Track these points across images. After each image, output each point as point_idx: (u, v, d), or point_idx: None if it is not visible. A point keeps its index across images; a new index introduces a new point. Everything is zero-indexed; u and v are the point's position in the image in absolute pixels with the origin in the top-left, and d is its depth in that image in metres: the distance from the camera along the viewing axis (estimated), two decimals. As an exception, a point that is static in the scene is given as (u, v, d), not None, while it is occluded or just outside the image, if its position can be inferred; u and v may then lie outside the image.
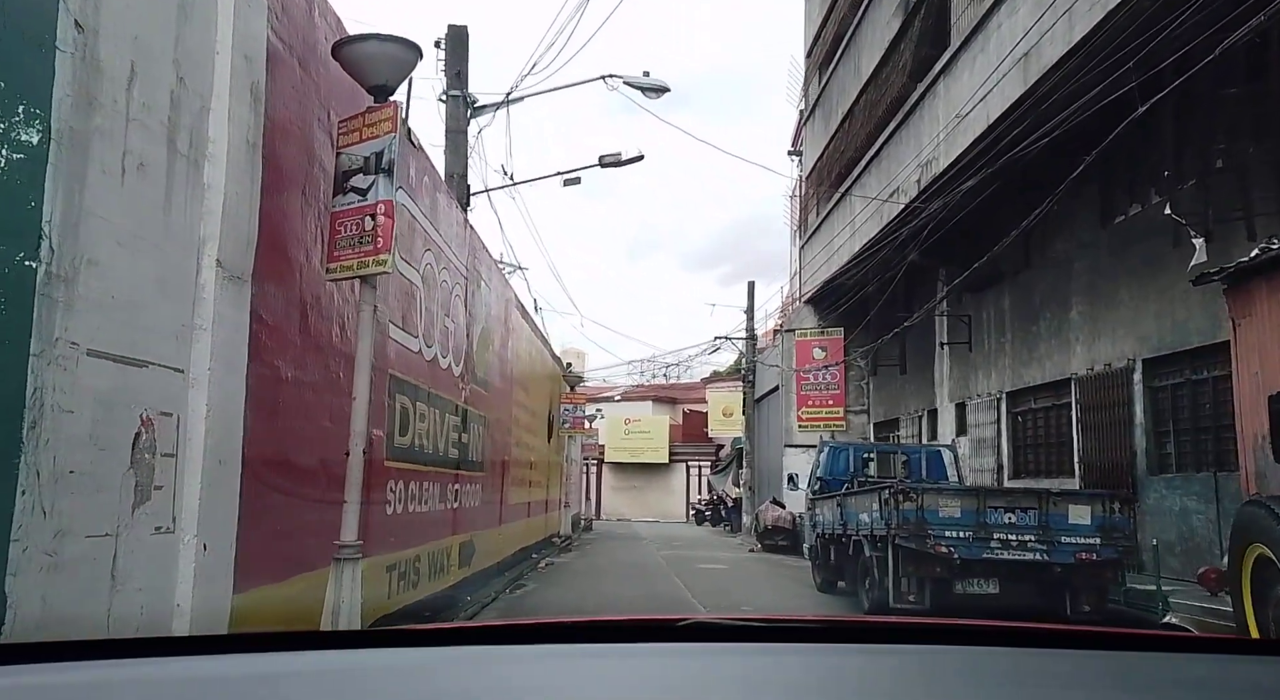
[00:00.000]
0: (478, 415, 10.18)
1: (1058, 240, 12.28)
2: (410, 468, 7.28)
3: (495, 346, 11.47)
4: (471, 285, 9.76)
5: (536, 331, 16.18)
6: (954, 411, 15.77)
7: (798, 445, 21.63)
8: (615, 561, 16.95)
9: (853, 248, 17.00)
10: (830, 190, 19.55)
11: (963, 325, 15.29)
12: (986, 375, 14.41)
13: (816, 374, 21.48)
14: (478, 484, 10.27)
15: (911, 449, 12.33)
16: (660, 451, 40.45)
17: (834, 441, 12.60)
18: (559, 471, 20.11)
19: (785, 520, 19.98)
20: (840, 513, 9.85)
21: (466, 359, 9.52)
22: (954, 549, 7.71)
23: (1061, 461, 12.17)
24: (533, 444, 15.57)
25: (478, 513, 10.35)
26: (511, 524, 13.23)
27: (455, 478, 9.07)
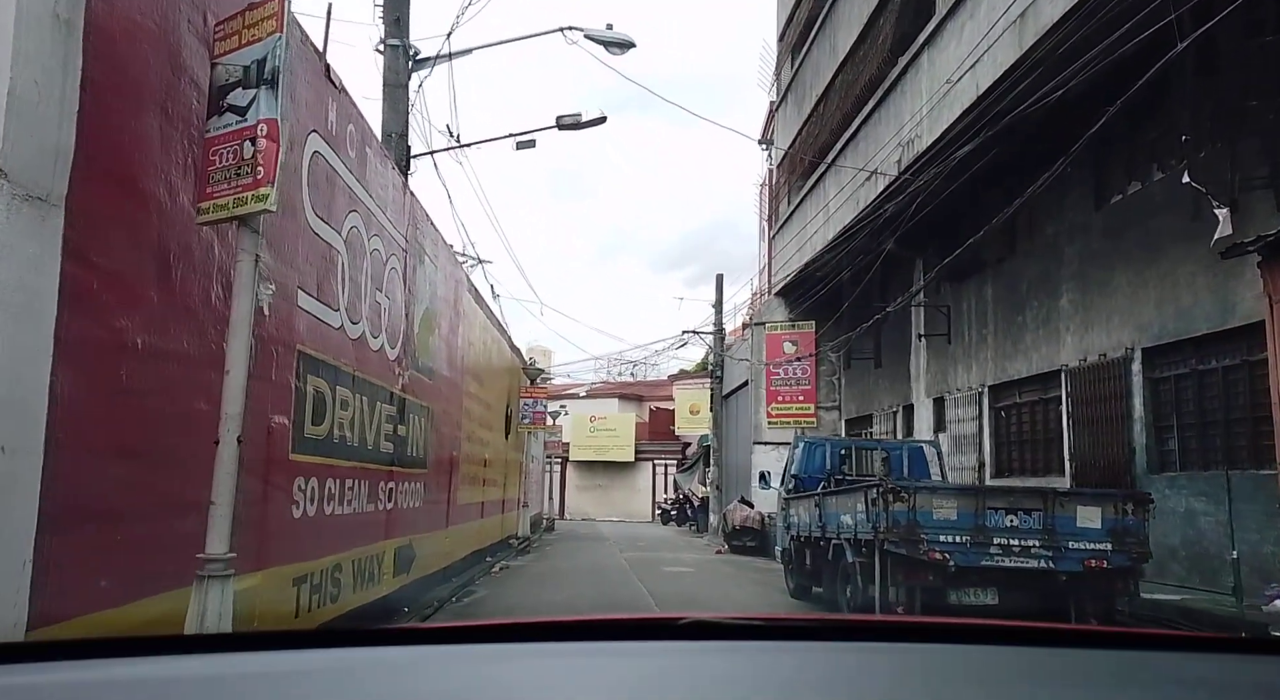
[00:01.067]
0: (419, 405, 9.16)
1: (1046, 224, 11.55)
2: (327, 463, 6.26)
3: (442, 331, 10.45)
4: (412, 259, 8.74)
5: (492, 319, 15.15)
6: (931, 407, 15.03)
7: (767, 442, 20.82)
8: (575, 564, 15.98)
9: (827, 235, 16.20)
10: (803, 178, 18.75)
11: (941, 316, 14.55)
12: (967, 369, 13.67)
13: (787, 368, 20.69)
14: (419, 482, 9.26)
15: (892, 445, 11.52)
16: (626, 450, 39.53)
17: (810, 437, 11.73)
18: (518, 470, 19.08)
19: (754, 520, 19.15)
20: (818, 513, 8.99)
21: (405, 342, 8.50)
22: (949, 555, 6.87)
23: (1050, 459, 11.43)
24: (487, 440, 14.54)
25: (419, 514, 9.33)
26: (462, 526, 12.21)
27: (390, 475, 8.05)
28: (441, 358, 10.40)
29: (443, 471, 10.71)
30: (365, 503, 7.26)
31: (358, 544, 7.11)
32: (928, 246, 14.99)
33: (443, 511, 10.88)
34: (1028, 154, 10.80)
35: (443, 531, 10.86)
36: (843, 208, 15.33)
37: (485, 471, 14.30)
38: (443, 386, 10.50)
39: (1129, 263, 9.74)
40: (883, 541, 7.04)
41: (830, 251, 16.27)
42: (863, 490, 7.54)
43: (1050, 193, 9.94)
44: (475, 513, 13.51)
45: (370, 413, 7.32)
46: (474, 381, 13.04)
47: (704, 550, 20.44)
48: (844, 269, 16.06)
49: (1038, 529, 6.90)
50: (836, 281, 16.89)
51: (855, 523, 7.74)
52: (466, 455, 12.40)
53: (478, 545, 13.86)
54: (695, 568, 15.83)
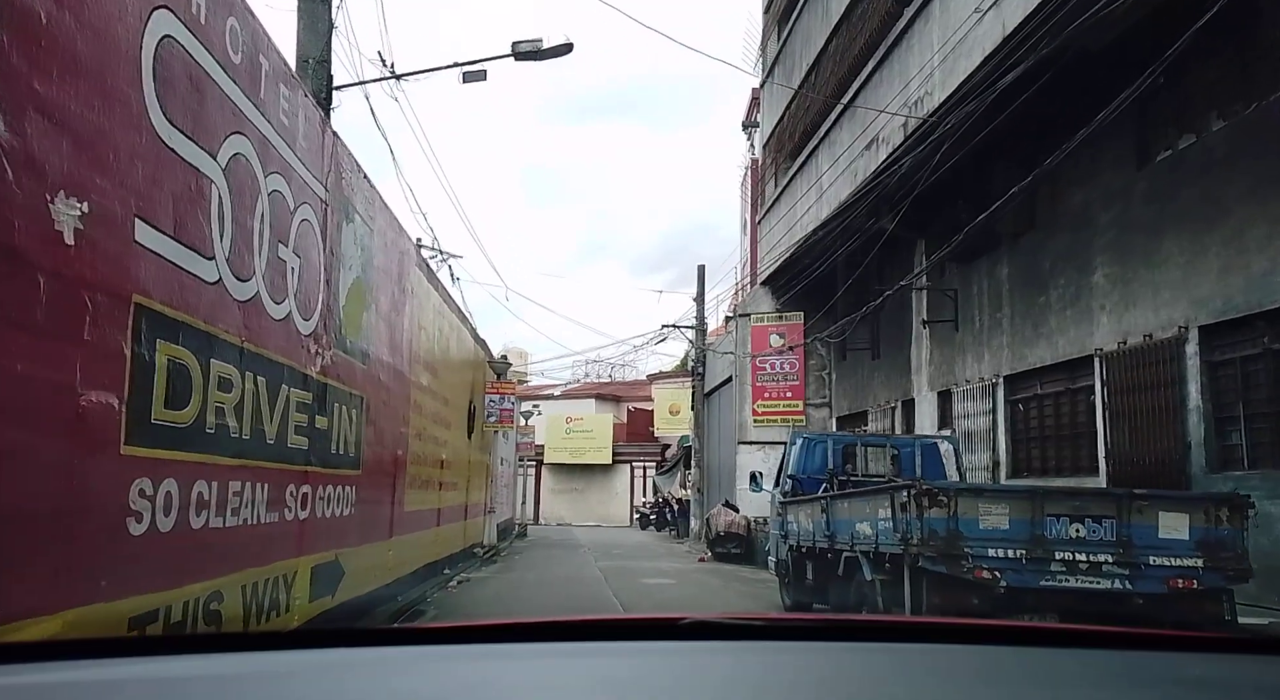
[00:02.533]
0: (347, 394, 7.63)
1: (1074, 192, 10.21)
2: (196, 460, 4.74)
3: (381, 308, 8.91)
4: (336, 214, 7.21)
5: (451, 303, 13.59)
6: (935, 401, 13.67)
7: (753, 442, 19.42)
8: (544, 576, 14.47)
9: (820, 213, 14.83)
10: (791, 157, 17.38)
11: (947, 301, 13.20)
12: (978, 358, 12.32)
13: (773, 362, 19.30)
14: (348, 486, 7.72)
15: (902, 441, 10.12)
16: (603, 452, 38.02)
17: (809, 432, 10.30)
18: (483, 472, 17.52)
19: (739, 526, 17.73)
20: (825, 520, 7.55)
21: (325, 314, 6.97)
22: (999, 573, 5.46)
23: (1078, 456, 10.09)
24: (445, 439, 12.99)
25: (350, 524, 7.79)
26: (411, 535, 10.66)
27: (304, 477, 6.52)
28: (380, 340, 8.86)
29: (384, 473, 9.16)
30: (264, 512, 5.72)
31: (251, 564, 5.58)
32: (930, 226, 13.67)
33: (385, 519, 9.33)
34: (1051, 114, 9.49)
35: (384, 543, 9.31)
36: (838, 182, 13.96)
37: (442, 474, 12.75)
38: (383, 374, 8.97)
39: (1182, 228, 8.40)
40: (915, 556, 5.61)
41: (823, 231, 14.89)
42: (888, 493, 6.11)
43: (1080, 155, 8.63)
44: (429, 520, 11.96)
45: (271, 398, 5.79)
46: (426, 372, 11.49)
47: (685, 558, 19.00)
48: (838, 250, 14.69)
49: (1110, 541, 5.51)
50: (829, 264, 15.52)
51: (876, 532, 6.31)
52: (417, 455, 10.86)
53: (433, 556, 12.31)
54: (677, 579, 14.38)
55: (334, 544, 7.37)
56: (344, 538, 7.65)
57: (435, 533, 12.46)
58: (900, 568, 5.89)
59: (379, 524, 9.10)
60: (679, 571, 15.65)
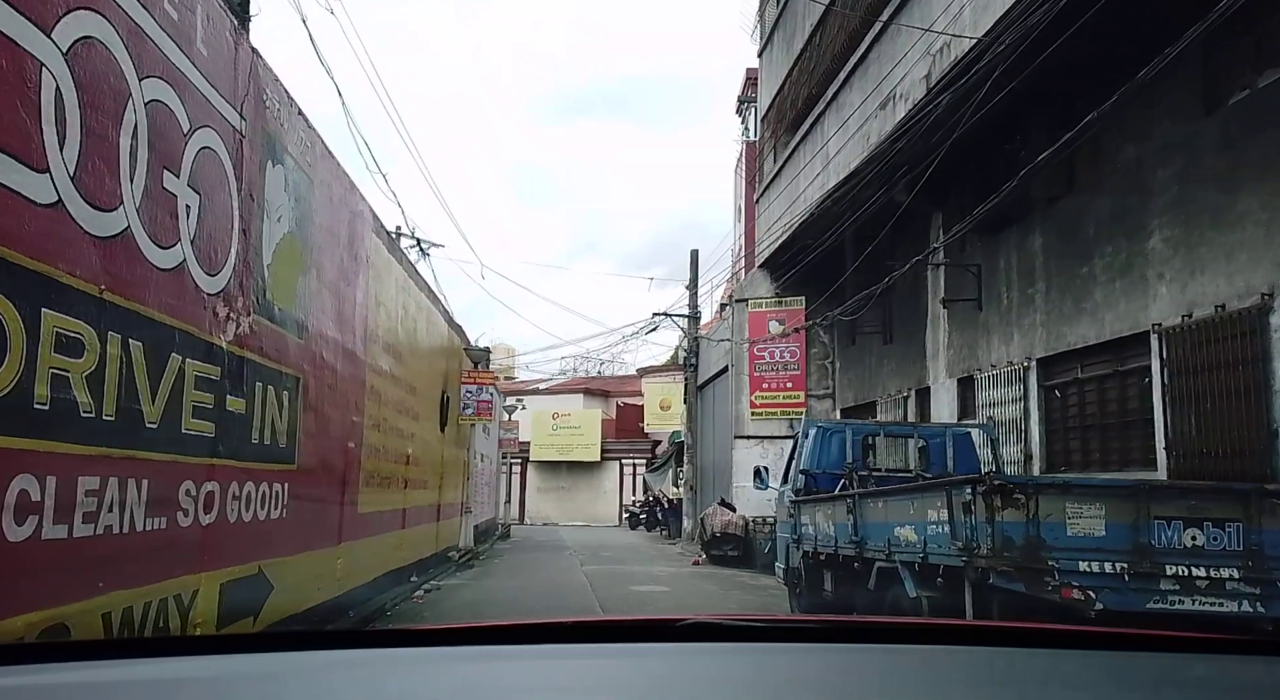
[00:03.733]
0: (276, 372, 6.32)
1: (1124, 145, 8.97)
2: (13, 446, 3.44)
3: (326, 275, 7.61)
4: (258, 152, 5.90)
5: (419, 281, 12.27)
6: (954, 389, 12.44)
7: (750, 436, 18.17)
8: (523, 583, 13.18)
9: (825, 184, 13.57)
10: (793, 127, 16.11)
11: (969, 277, 11.96)
12: (1005, 339, 11.09)
13: (773, 351, 18.05)
14: (278, 483, 6.42)
15: (931, 431, 8.85)
16: (591, 448, 36.69)
17: (824, 422, 9.00)
18: (459, 470, 16.21)
19: (737, 526, 16.48)
20: (852, 523, 6.28)
21: (242, 270, 5.67)
22: (1093, 593, 4.21)
23: (1128, 448, 8.87)
24: (412, 432, 11.69)
25: (280, 529, 6.50)
26: (368, 540, 9.36)
27: (208, 472, 5.22)
28: (324, 312, 7.55)
29: (330, 469, 7.86)
30: (143, 516, 4.42)
31: (122, 584, 4.27)
32: (948, 197, 12.44)
33: (331, 522, 8.03)
34: (1097, 58, 8.27)
35: (331, 550, 8.02)
36: (847, 148, 12.70)
37: (408, 471, 11.44)
38: (327, 352, 7.66)
39: (1262, 179, 7.18)
40: (982, 571, 4.35)
41: (828, 204, 13.63)
42: (942, 490, 4.84)
43: (1132, 104, 7.41)
44: (392, 522, 10.65)
45: (153, 370, 4.48)
46: (387, 355, 10.18)
47: (678, 561, 17.73)
48: (844, 225, 13.44)
49: (1235, 551, 4.28)
50: (835, 240, 14.26)
51: (924, 539, 5.05)
52: (375, 449, 9.55)
53: (397, 563, 11.01)
54: (670, 585, 13.11)
55: (257, 553, 6.06)
56: (272, 545, 6.35)
57: (400, 536, 11.15)
58: (958, 584, 4.64)
59: (324, 528, 7.80)
60: (672, 577, 14.39)
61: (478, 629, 1.46)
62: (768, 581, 13.94)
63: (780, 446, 17.71)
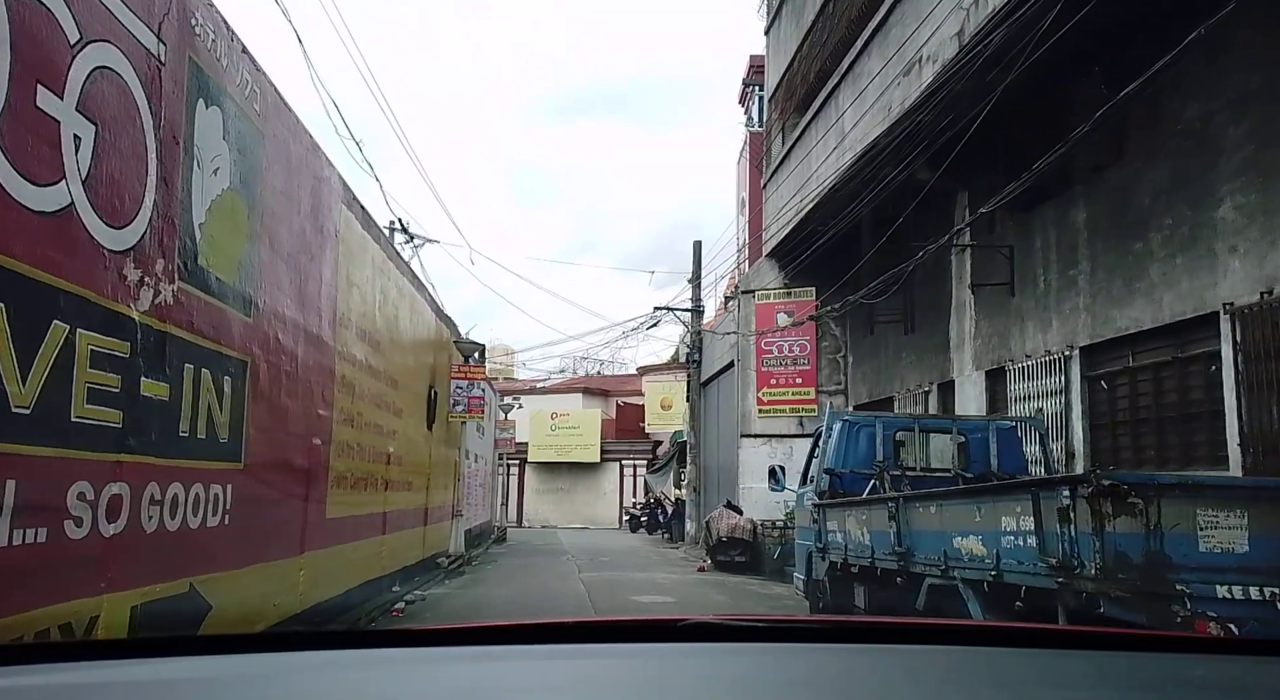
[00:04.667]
0: (214, 353, 5.35)
1: (1185, 105, 8.00)
2: None
3: (283, 246, 6.63)
4: (182, 88, 4.92)
5: (400, 263, 11.27)
6: (982, 382, 11.46)
7: (757, 435, 17.19)
8: (515, 592, 12.20)
9: (840, 162, 12.59)
10: (803, 106, 15.14)
11: (1000, 260, 10.98)
12: (1042, 326, 10.11)
13: (781, 345, 17.08)
14: (217, 484, 5.44)
15: (971, 424, 7.86)
16: (591, 449, 35.69)
17: (850, 414, 7.97)
18: (449, 470, 15.23)
19: (744, 530, 15.49)
20: (895, 531, 5.29)
21: (163, 226, 4.69)
22: (1237, 626, 3.23)
23: (1192, 443, 7.89)
24: (392, 428, 10.71)
25: (220, 537, 5.52)
26: (338, 548, 8.38)
27: (114, 471, 4.25)
28: (280, 287, 6.57)
29: (288, 469, 6.88)
30: (6, 529, 3.44)
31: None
32: (975, 173, 11.45)
33: (292, 529, 7.05)
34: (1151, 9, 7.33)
35: (292, 560, 7.03)
36: (865, 121, 11.73)
37: (389, 471, 10.46)
38: (284, 335, 6.68)
39: (1363, 130, 6.21)
40: (1087, 596, 3.36)
41: (843, 184, 12.67)
42: (1027, 490, 3.85)
43: (1195, 56, 6.48)
44: (369, 527, 9.67)
45: (21, 340, 3.50)
46: (362, 343, 9.20)
47: (682, 566, 16.74)
48: (861, 203, 12.46)
49: None
50: (849, 225, 13.30)
51: (995, 552, 4.07)
52: (347, 446, 8.58)
53: (376, 572, 10.02)
54: (675, 594, 12.11)
55: (187, 568, 5.08)
56: (209, 557, 5.36)
57: (380, 543, 10.17)
58: (1047, 610, 3.66)
59: (283, 535, 6.82)
60: (677, 584, 13.39)
61: (478, 629, 1.47)
62: (779, 589, 12.96)
63: (790, 445, 16.73)
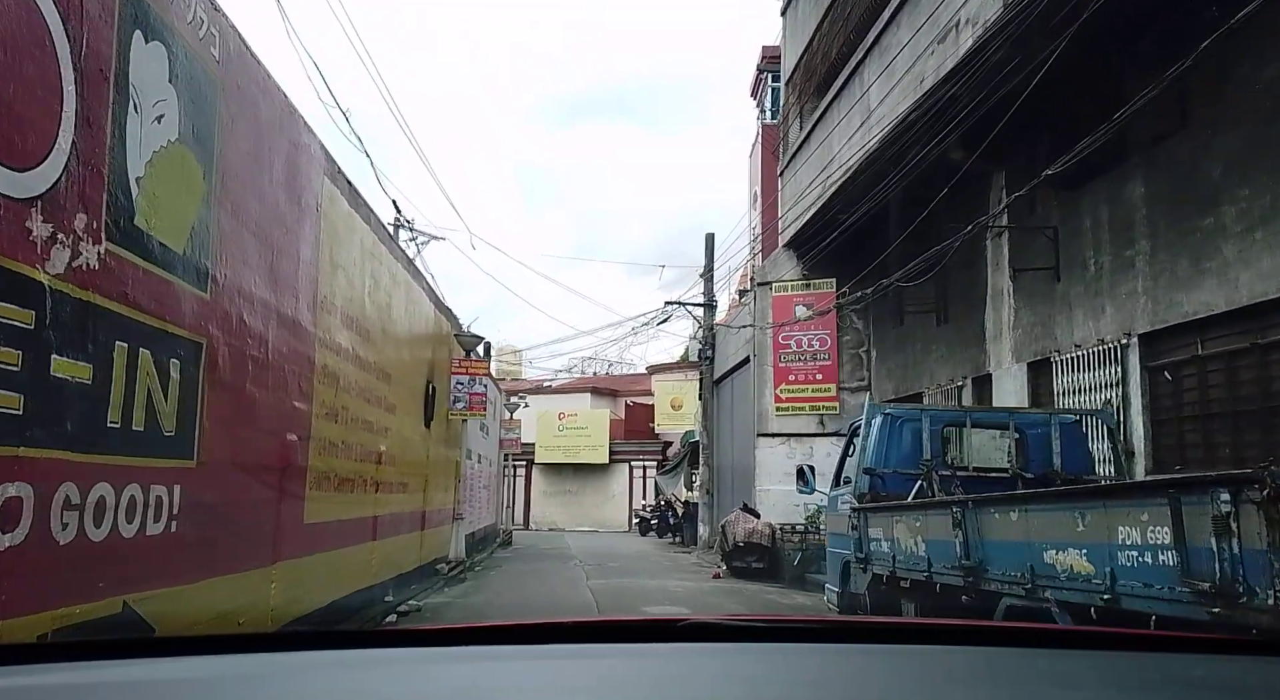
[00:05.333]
0: (158, 331, 4.56)
1: (1261, 63, 7.14)
2: None
3: (249, 214, 5.84)
4: (111, 14, 4.13)
5: (394, 249, 10.47)
6: (1024, 375, 10.60)
7: (775, 434, 16.34)
8: (518, 601, 11.39)
9: (866, 142, 11.75)
10: (823, 87, 14.32)
11: (1043, 243, 10.13)
12: (1093, 313, 9.25)
13: (800, 339, 16.24)
14: (165, 486, 4.65)
15: (1031, 419, 6.99)
16: (599, 450, 34.88)
17: (893, 408, 7.08)
18: (449, 471, 14.43)
19: (762, 535, 14.65)
20: (962, 540, 4.45)
21: (84, 174, 3.90)
22: None
23: (1276, 440, 7.02)
24: (385, 425, 9.92)
25: (169, 548, 4.73)
26: (320, 556, 7.59)
27: (12, 469, 3.46)
28: (245, 262, 5.78)
29: (256, 468, 6.09)
30: None
31: None
32: (1013, 151, 10.61)
33: (262, 536, 6.26)
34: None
35: (261, 571, 6.24)
36: (894, 95, 10.89)
37: (380, 471, 9.66)
38: (252, 316, 5.88)
39: None
40: (1259, 631, 2.52)
41: (867, 166, 11.84)
42: (1167, 493, 3.01)
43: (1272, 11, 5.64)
44: (358, 532, 8.88)
45: None
46: (349, 331, 8.41)
47: (695, 573, 15.90)
48: (887, 184, 11.63)
49: None
50: (873, 210, 12.45)
51: (1109, 570, 3.24)
52: (331, 443, 7.79)
53: (366, 581, 9.22)
54: (690, 604, 11.27)
55: (119, 585, 4.28)
56: (150, 572, 4.57)
57: (370, 549, 9.37)
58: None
59: (248, 543, 6.02)
60: (691, 593, 12.56)
61: (478, 629, 1.47)
62: (802, 598, 12.13)
63: (810, 445, 15.88)
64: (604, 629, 1.45)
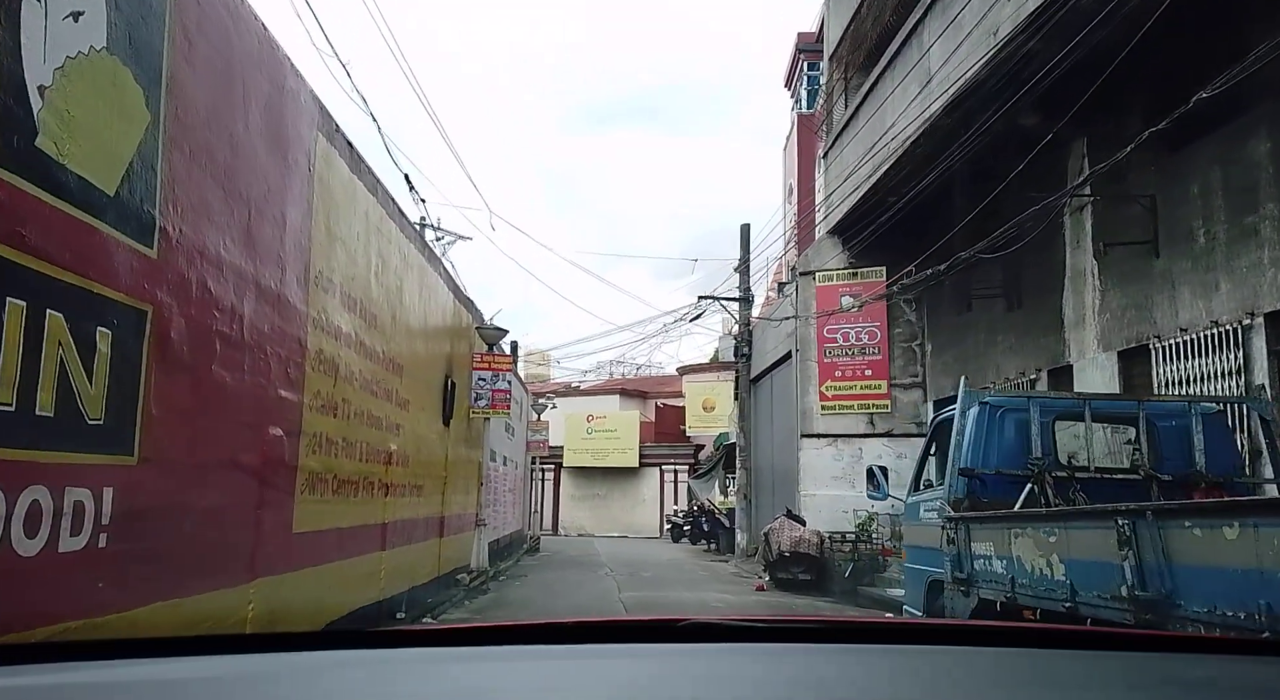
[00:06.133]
0: (74, 291, 3.55)
1: None
2: None
3: (217, 165, 4.83)
4: None
5: (405, 227, 9.45)
6: (1113, 365, 9.36)
7: (820, 435, 15.15)
8: (543, 616, 10.31)
9: (925, 109, 10.58)
10: (873, 54, 13.16)
11: (1138, 213, 8.90)
12: (1203, 290, 8.01)
13: (847, 332, 15.05)
14: (91, 489, 3.65)
15: (1165, 409, 5.75)
16: (629, 453, 33.80)
17: (993, 396, 5.84)
18: (471, 474, 13.42)
19: (810, 544, 13.47)
20: (1133, 562, 3.30)
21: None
22: None
23: None
24: (395, 422, 8.91)
25: (93, 568, 3.72)
26: (314, 571, 6.58)
27: None
28: (212, 218, 4.77)
29: (228, 467, 5.07)
30: None
31: None
32: (1096, 115, 9.37)
33: (237, 549, 5.25)
34: None
35: (236, 591, 5.22)
36: (960, 53, 9.72)
37: (392, 474, 8.65)
38: (219, 283, 4.87)
39: None
40: None
41: (926, 139, 10.68)
42: None
43: None
44: (364, 542, 7.87)
45: None
46: (350, 315, 7.41)
47: (735, 584, 14.73)
48: (950, 157, 10.45)
49: None
50: (932, 189, 11.27)
51: None
52: (328, 440, 6.78)
53: (373, 596, 8.21)
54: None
55: (10, 620, 3.26)
56: (60, 602, 3.55)
57: (377, 560, 8.36)
58: None
59: (216, 558, 5.01)
60: (735, 609, 11.40)
61: (478, 629, 1.49)
62: (856, 614, 10.93)
63: (859, 447, 14.69)
64: (605, 629, 1.45)
